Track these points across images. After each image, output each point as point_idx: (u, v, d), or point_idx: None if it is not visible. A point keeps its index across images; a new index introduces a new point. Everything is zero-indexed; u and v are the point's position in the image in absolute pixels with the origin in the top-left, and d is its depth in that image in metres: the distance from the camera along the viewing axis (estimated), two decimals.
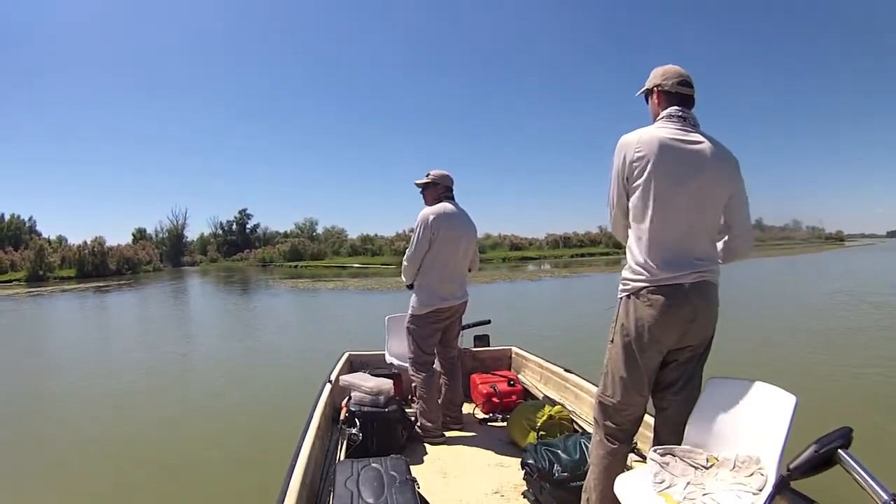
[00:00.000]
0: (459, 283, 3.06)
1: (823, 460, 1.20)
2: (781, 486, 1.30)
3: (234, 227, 70.28)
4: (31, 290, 28.66)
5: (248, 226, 70.58)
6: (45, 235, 52.85)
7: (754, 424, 1.50)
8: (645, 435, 2.06)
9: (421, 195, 3.13)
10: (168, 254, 61.80)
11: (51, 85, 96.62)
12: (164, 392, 6.15)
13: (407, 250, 3.02)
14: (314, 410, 2.67)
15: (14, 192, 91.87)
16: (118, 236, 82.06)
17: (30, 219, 60.66)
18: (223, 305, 18.47)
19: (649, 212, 1.68)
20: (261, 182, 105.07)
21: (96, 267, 42.69)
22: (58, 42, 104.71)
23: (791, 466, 1.25)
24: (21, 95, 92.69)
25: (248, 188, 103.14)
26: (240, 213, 70.93)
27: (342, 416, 2.77)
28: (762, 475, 1.41)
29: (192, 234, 71.20)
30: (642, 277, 1.68)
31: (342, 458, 2.39)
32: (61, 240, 52.90)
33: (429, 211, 2.98)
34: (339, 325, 11.63)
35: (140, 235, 62.96)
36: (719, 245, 1.83)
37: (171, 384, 6.57)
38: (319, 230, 63.94)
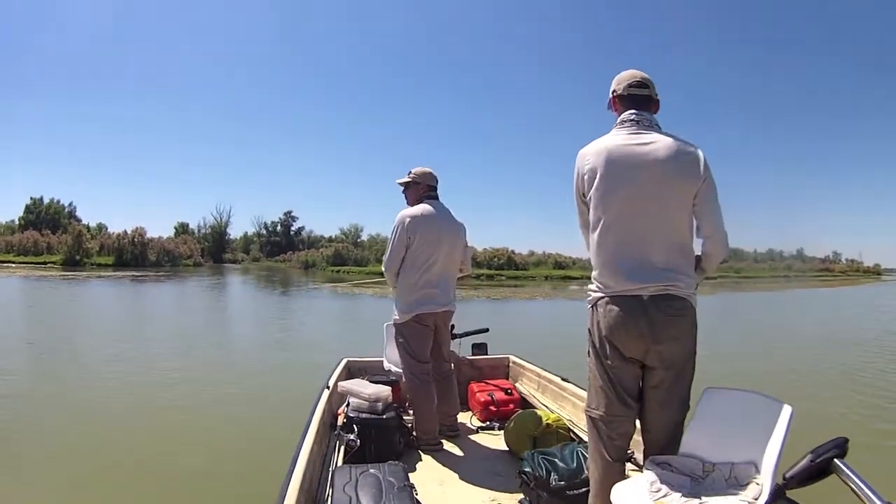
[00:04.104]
0: (444, 288, 2.84)
1: (819, 470, 1.20)
2: (777, 495, 1.30)
3: (279, 228, 69.45)
4: (66, 273, 29.12)
5: (293, 228, 69.76)
6: (84, 222, 52.63)
7: (751, 434, 1.48)
8: (641, 443, 2.03)
9: (403, 195, 2.95)
10: (210, 250, 60.64)
11: (99, 75, 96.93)
12: (164, 394, 5.82)
13: (384, 256, 2.86)
14: (312, 416, 2.64)
15: (56, 178, 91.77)
16: (160, 229, 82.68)
17: (70, 204, 59.50)
18: (254, 304, 18.58)
19: (602, 222, 1.66)
20: (307, 185, 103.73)
21: (135, 257, 43.01)
22: (107, 34, 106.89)
23: (787, 475, 1.26)
24: (69, 83, 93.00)
25: (295, 191, 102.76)
26: (285, 214, 70.21)
27: (339, 423, 2.74)
28: (758, 484, 1.39)
29: (235, 233, 70.49)
30: (600, 289, 1.67)
31: (339, 464, 2.37)
32: (101, 227, 53.50)
33: (405, 213, 2.80)
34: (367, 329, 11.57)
35: (182, 230, 62.08)
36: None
37: (171, 384, 6.23)
38: (364, 237, 62.63)
